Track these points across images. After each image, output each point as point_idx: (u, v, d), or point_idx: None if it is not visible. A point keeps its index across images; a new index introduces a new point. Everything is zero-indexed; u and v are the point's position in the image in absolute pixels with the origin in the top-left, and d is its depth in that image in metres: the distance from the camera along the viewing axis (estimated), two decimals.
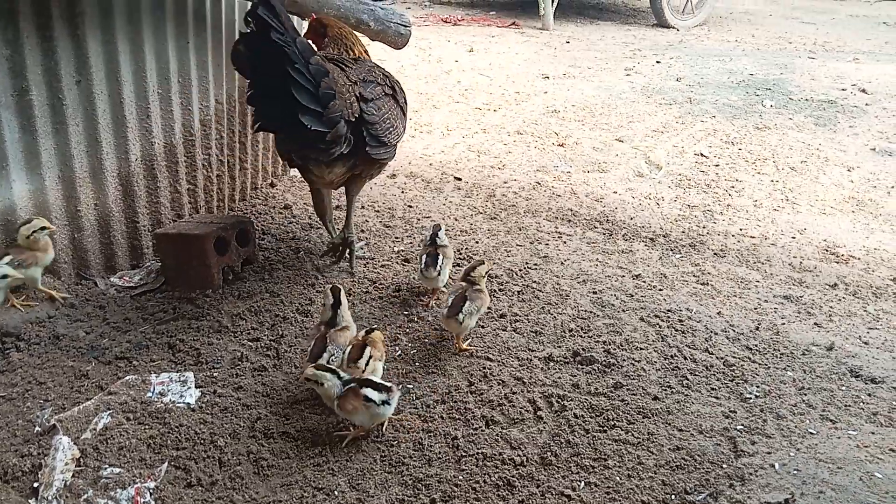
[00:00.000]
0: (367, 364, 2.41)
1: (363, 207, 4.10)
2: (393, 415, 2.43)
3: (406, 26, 4.22)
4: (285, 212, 3.98)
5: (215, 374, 2.63)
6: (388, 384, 2.29)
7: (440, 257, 3.03)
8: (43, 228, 2.77)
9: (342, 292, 2.60)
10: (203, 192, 3.61)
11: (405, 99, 3.28)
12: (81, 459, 2.16)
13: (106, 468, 2.14)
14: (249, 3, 3.57)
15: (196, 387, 2.55)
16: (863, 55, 8.11)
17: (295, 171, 4.19)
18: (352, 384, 2.26)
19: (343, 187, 3.32)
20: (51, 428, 2.26)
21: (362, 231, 3.81)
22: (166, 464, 2.19)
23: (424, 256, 3.05)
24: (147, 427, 2.34)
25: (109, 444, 2.24)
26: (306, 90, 2.58)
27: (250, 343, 2.83)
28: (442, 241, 3.11)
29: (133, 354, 2.72)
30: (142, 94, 3.12)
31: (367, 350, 2.43)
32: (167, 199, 3.38)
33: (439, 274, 3.02)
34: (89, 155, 2.99)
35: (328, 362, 2.43)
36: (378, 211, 4.09)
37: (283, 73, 2.54)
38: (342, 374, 2.30)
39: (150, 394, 2.50)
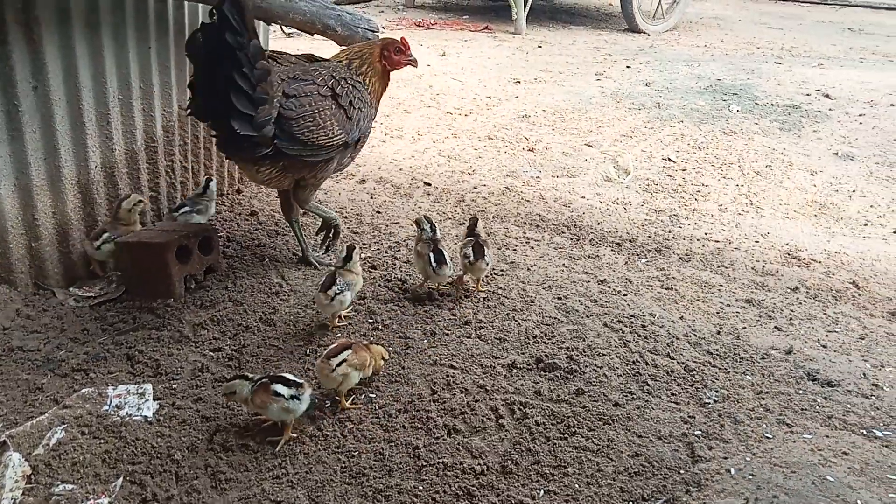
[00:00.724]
0: (338, 365, 2.39)
1: None
2: (354, 424, 2.42)
3: (374, 31, 4.20)
4: (251, 218, 3.95)
5: (174, 386, 2.59)
6: (300, 381, 2.34)
7: (445, 252, 3.11)
8: (140, 202, 3.18)
9: (356, 250, 2.95)
10: (166, 199, 3.56)
11: (360, 102, 3.21)
12: (33, 476, 2.11)
13: (58, 485, 2.10)
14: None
15: (154, 399, 2.52)
16: (827, 60, 8.27)
17: None
18: (263, 380, 2.31)
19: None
20: (1, 444, 2.21)
21: None
22: (121, 479, 2.15)
23: (431, 255, 3.08)
24: (102, 441, 2.29)
25: (62, 459, 2.19)
26: (244, 93, 2.68)
27: (212, 353, 2.80)
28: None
29: (90, 366, 2.67)
30: (101, 99, 3.07)
31: (346, 352, 2.42)
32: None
33: (451, 269, 3.11)
34: (47, 162, 2.94)
35: (337, 292, 2.81)
36: (346, 217, 4.07)
37: (228, 73, 2.62)
38: (251, 376, 2.37)
39: (106, 407, 2.46)
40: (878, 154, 5.39)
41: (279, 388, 2.29)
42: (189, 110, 2.89)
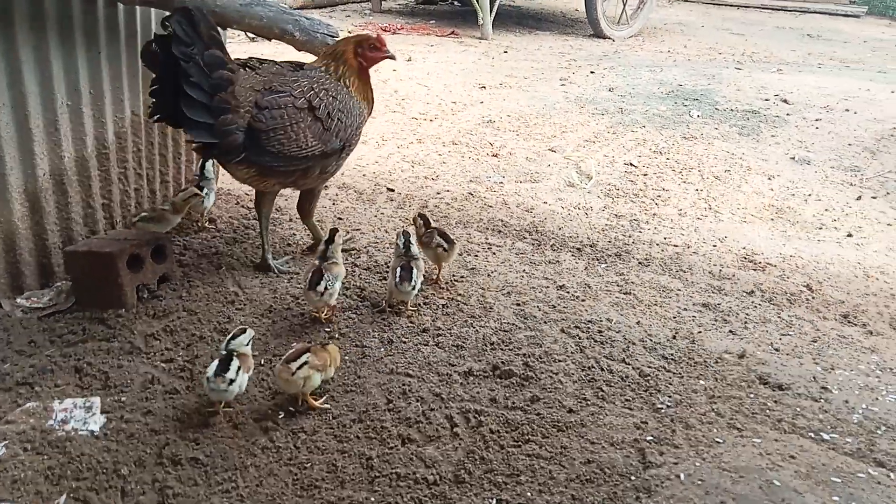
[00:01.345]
0: (299, 368, 2.40)
1: (290, 220, 4.04)
2: (307, 434, 2.40)
3: (333, 37, 4.17)
4: (209, 225, 3.89)
5: (123, 399, 2.53)
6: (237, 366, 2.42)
7: (415, 270, 3.04)
8: (196, 195, 3.59)
9: (338, 233, 3.08)
10: (120, 206, 3.49)
11: (345, 115, 3.22)
12: None
13: None
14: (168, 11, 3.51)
15: (102, 412, 2.46)
16: (786, 66, 8.45)
17: (221, 184, 4.15)
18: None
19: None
20: None
21: (288, 245, 3.75)
22: (64, 496, 2.10)
23: (399, 270, 3.03)
24: (46, 457, 2.23)
25: (2, 477, 2.13)
26: (199, 104, 2.73)
27: (163, 364, 2.74)
28: (414, 252, 3.13)
29: (36, 379, 2.60)
30: (49, 106, 2.99)
31: (306, 355, 2.42)
32: (79, 215, 3.25)
33: (414, 288, 3.03)
34: None
35: (325, 288, 2.87)
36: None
37: (179, 84, 2.68)
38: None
39: (51, 422, 2.39)
40: (833, 158, 5.50)
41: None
42: (153, 116, 2.91)
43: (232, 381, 2.40)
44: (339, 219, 4.14)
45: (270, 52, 6.58)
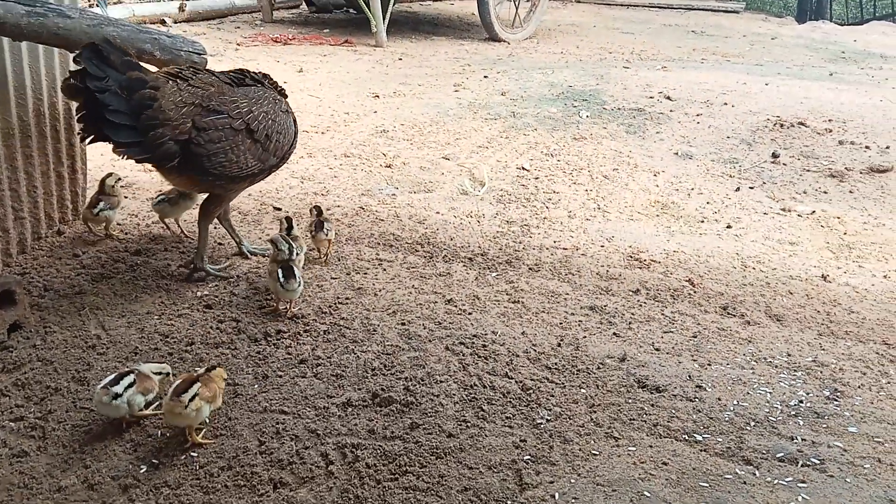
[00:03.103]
0: (191, 400, 2.30)
1: (165, 250, 3.81)
2: (171, 488, 2.23)
3: (200, 54, 3.97)
4: (73, 262, 3.61)
5: None
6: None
7: (295, 269, 3.13)
8: (119, 178, 3.85)
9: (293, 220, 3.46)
10: None
11: (279, 135, 3.43)
12: None
13: None
14: (4, 39, 3.24)
15: None
16: (671, 63, 8.76)
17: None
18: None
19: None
20: None
21: (162, 277, 3.52)
22: None
23: (280, 270, 3.09)
24: None
25: None
26: (123, 126, 2.91)
27: (12, 424, 2.50)
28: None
29: None
30: None
31: (196, 386, 2.33)
32: None
33: (299, 286, 3.12)
34: None
35: (298, 283, 3.09)
36: (183, 252, 3.81)
37: (101, 115, 2.85)
38: None
39: None
40: (713, 152, 5.72)
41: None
42: (85, 140, 3.05)
43: (118, 395, 2.37)
44: (220, 244, 3.94)
45: None
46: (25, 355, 2.84)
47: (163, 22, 9.44)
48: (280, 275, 3.08)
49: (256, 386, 2.71)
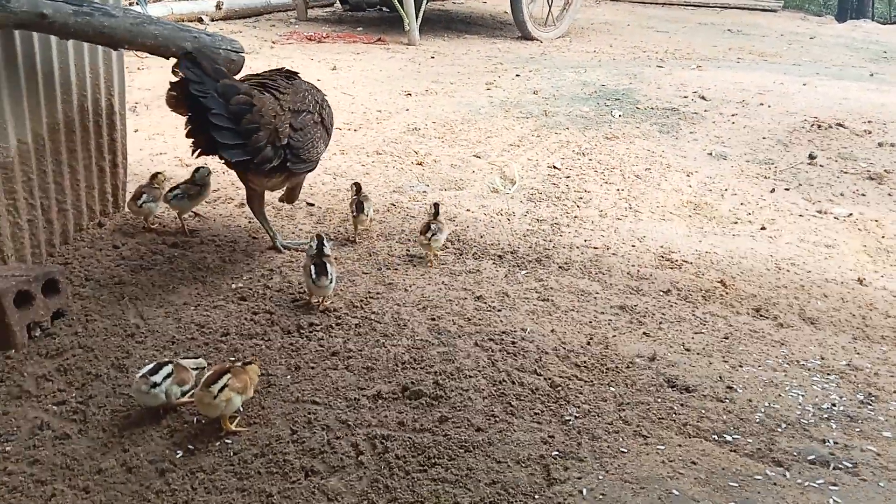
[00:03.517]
0: (220, 391, 2.36)
1: (201, 242, 3.89)
2: (206, 474, 2.29)
3: (238, 52, 4.05)
4: (113, 253, 3.72)
5: (8, 449, 2.38)
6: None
7: (328, 266, 3.21)
8: (161, 174, 3.99)
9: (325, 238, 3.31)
10: (11, 240, 3.30)
11: (331, 116, 3.88)
12: None
13: None
14: (52, 37, 3.34)
15: None
16: (706, 62, 8.65)
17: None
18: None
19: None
20: None
21: (198, 269, 3.60)
22: None
23: (313, 267, 3.18)
24: None
25: None
26: (227, 129, 3.11)
27: (55, 407, 2.59)
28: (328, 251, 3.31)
29: None
30: None
31: (226, 377, 2.39)
32: None
33: (331, 282, 3.21)
34: None
35: (332, 279, 3.18)
36: (219, 245, 3.89)
37: (205, 118, 3.05)
38: None
39: None
40: (748, 153, 5.65)
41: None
42: (195, 153, 3.32)
43: (156, 384, 2.45)
44: (254, 238, 4.02)
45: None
46: (68, 342, 2.93)
47: (200, 20, 9.61)
48: (312, 271, 3.15)
49: (289, 377, 2.76)
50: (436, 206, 3.84)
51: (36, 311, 2.93)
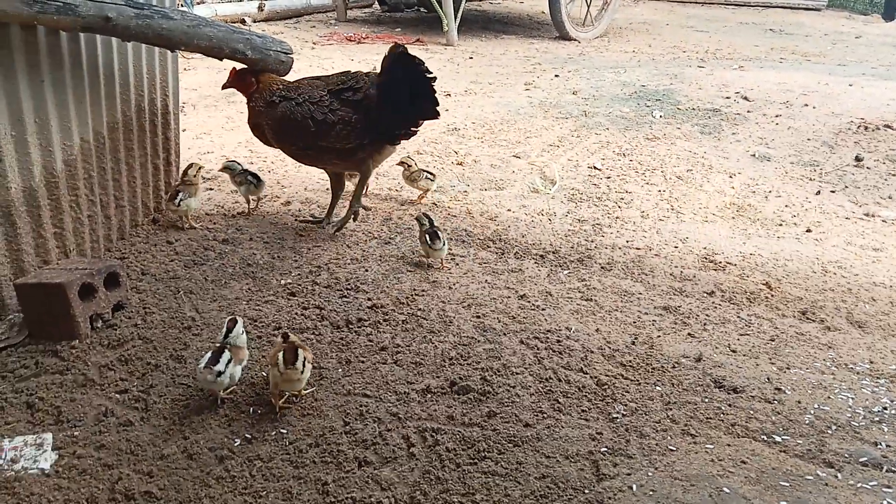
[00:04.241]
0: (303, 366, 2.51)
1: (251, 239, 4.00)
2: (263, 462, 2.37)
3: (287, 53, 4.16)
4: (167, 249, 3.85)
5: (76, 434, 2.49)
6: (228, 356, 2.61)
7: (440, 233, 3.75)
8: (200, 167, 4.12)
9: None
10: (73, 234, 3.44)
11: None
12: None
13: None
14: (113, 39, 3.47)
15: (53, 449, 2.41)
16: (748, 62, 8.55)
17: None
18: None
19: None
20: None
21: (248, 265, 3.71)
22: None
23: (427, 235, 3.74)
24: None
25: None
26: (435, 100, 3.78)
27: (118, 395, 2.71)
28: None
29: None
30: None
31: (301, 353, 2.52)
32: (30, 245, 3.20)
33: (444, 245, 3.74)
34: None
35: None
36: (267, 242, 4.00)
37: (425, 89, 3.73)
38: None
39: (0, 461, 2.35)
40: (792, 154, 5.58)
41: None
42: (399, 133, 3.92)
43: (220, 372, 2.54)
44: (301, 235, 4.11)
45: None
46: (128, 333, 3.05)
47: (242, 21, 9.80)
48: (427, 239, 3.71)
49: (340, 370, 2.84)
50: (427, 216, 3.83)
51: (98, 303, 3.06)
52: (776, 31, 11.46)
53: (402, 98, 3.79)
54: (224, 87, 4.13)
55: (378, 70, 3.93)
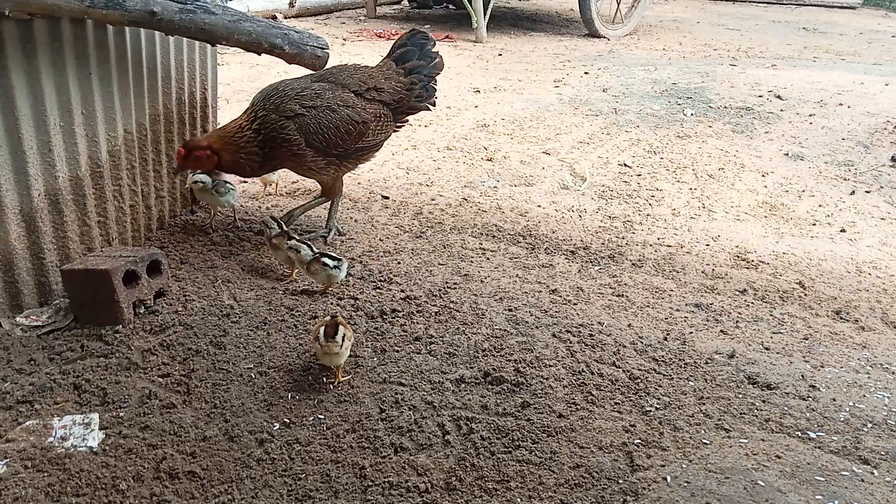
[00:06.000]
0: (343, 340, 2.61)
1: None
2: (302, 445, 2.43)
3: (323, 48, 4.22)
4: (204, 239, 3.93)
5: (121, 415, 2.58)
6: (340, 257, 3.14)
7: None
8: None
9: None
10: (115, 223, 3.54)
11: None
12: None
13: None
14: (157, 33, 3.56)
15: (100, 428, 2.50)
16: (781, 61, 8.45)
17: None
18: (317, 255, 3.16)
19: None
20: None
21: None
22: None
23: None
24: (46, 475, 2.28)
25: (4, 495, 2.17)
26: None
27: (160, 379, 2.79)
28: None
29: (36, 397, 2.65)
30: (42, 127, 3.04)
31: (341, 328, 2.61)
32: (75, 233, 3.30)
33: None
34: None
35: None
36: (301, 234, 4.06)
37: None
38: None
39: (50, 439, 2.44)
40: (826, 154, 5.52)
41: (327, 260, 3.20)
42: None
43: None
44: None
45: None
46: (169, 319, 3.13)
47: (274, 17, 9.91)
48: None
49: (375, 359, 2.89)
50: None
51: (141, 289, 3.15)
52: (809, 30, 11.30)
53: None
54: (175, 172, 3.83)
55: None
